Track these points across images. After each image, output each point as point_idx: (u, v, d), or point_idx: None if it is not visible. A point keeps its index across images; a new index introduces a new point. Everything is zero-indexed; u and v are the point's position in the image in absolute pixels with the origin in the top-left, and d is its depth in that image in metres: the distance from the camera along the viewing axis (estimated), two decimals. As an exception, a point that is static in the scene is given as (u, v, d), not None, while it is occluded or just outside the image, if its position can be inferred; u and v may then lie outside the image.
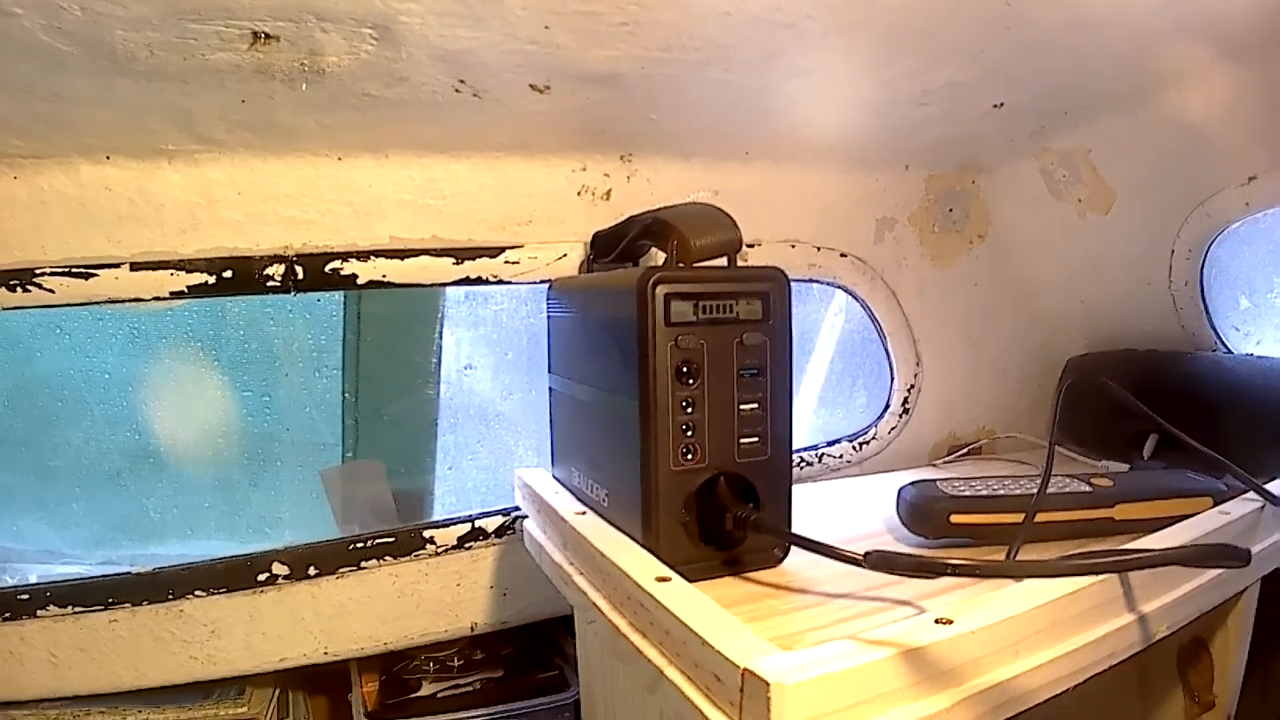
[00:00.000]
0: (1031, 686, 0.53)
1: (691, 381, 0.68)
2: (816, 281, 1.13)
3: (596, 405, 0.78)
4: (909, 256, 1.17)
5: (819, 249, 1.10)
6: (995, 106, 0.94)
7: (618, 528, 0.73)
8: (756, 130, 0.95)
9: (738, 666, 0.46)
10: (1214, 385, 1.02)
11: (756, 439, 0.71)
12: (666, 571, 0.62)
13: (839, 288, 1.16)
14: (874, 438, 1.21)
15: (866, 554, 0.57)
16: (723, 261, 0.74)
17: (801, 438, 1.21)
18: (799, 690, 0.44)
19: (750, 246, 1.04)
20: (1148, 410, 0.90)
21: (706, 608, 0.55)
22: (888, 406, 1.22)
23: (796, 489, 0.75)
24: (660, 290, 0.66)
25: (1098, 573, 0.56)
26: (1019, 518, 0.75)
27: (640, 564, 0.64)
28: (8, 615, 0.87)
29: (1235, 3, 0.75)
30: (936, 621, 0.51)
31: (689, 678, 0.52)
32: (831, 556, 0.61)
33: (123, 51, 0.64)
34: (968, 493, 0.80)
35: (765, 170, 1.03)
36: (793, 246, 1.08)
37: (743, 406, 0.70)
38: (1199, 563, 0.63)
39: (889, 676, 0.47)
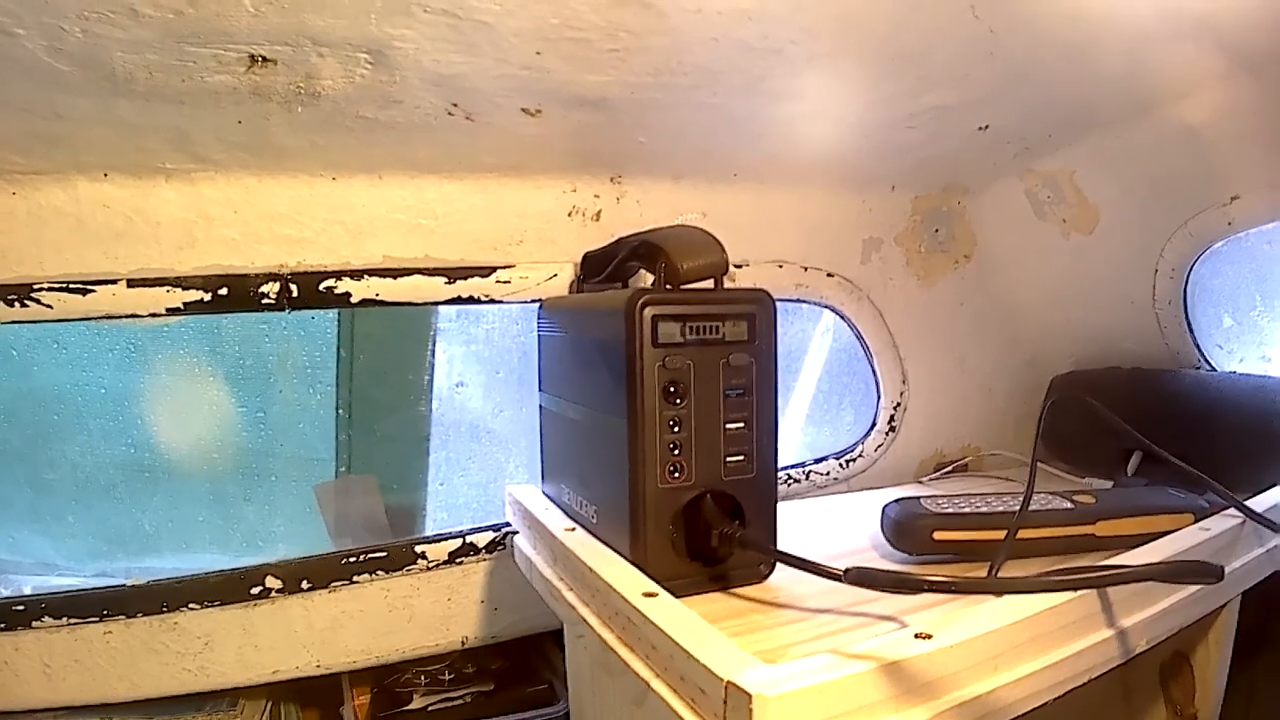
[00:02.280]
0: (1010, 700, 0.54)
1: (679, 401, 0.69)
2: (804, 301, 1.14)
3: (586, 423, 0.79)
4: (895, 276, 1.18)
5: (806, 269, 1.11)
6: (980, 129, 0.96)
7: (606, 544, 0.74)
8: (744, 152, 0.96)
9: (721, 679, 0.47)
10: (1197, 403, 1.03)
11: (742, 457, 0.72)
12: (654, 587, 0.63)
13: (826, 307, 1.16)
14: (860, 455, 1.22)
15: (846, 570, 0.58)
16: (710, 283, 0.75)
17: (789, 455, 1.22)
18: (780, 702, 0.45)
19: (738, 267, 1.05)
20: (1130, 428, 0.91)
21: (692, 622, 0.56)
22: (874, 424, 1.22)
23: (784, 506, 0.76)
24: (648, 311, 0.68)
25: (1072, 589, 0.57)
26: (1001, 534, 0.76)
27: (628, 579, 0.65)
28: (3, 626, 0.87)
29: (1220, 25, 0.77)
30: (916, 636, 0.52)
31: (675, 690, 0.53)
32: (813, 572, 0.62)
33: (122, 73, 0.65)
34: (951, 510, 0.81)
35: (753, 191, 1.04)
36: (780, 267, 1.09)
37: (729, 426, 0.71)
38: (1173, 579, 0.64)
39: (869, 689, 0.48)
